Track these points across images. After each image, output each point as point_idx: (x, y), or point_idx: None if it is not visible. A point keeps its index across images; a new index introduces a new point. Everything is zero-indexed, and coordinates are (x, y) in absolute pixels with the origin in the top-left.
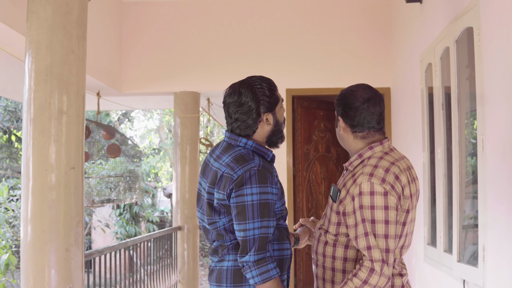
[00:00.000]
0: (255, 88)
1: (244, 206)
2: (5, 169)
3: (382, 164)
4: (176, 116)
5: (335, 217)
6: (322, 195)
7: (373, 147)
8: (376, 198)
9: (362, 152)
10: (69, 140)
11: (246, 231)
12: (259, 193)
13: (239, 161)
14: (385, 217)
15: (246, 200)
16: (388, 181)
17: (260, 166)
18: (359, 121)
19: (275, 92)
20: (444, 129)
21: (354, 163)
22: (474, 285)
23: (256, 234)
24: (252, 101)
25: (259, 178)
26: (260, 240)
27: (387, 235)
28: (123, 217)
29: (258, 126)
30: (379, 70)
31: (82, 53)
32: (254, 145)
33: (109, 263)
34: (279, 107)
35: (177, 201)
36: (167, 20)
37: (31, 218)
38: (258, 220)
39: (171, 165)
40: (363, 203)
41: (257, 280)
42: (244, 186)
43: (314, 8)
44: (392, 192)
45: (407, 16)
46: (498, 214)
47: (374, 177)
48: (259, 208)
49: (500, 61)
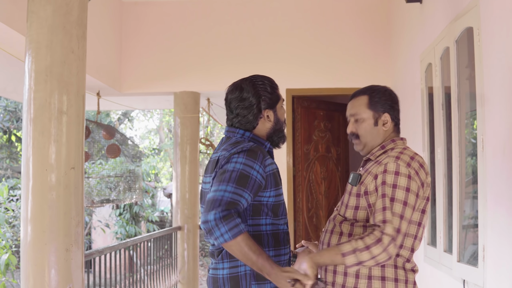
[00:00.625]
0: (256, 85)
1: (224, 171)
2: (5, 169)
3: (407, 152)
4: (176, 116)
5: (353, 200)
6: (322, 195)
7: (395, 140)
8: (400, 178)
9: (385, 143)
10: (69, 140)
11: (217, 191)
12: (243, 163)
13: (234, 144)
14: (404, 198)
15: (228, 167)
16: (413, 166)
17: (252, 146)
18: (398, 117)
19: (276, 90)
20: (444, 129)
21: (377, 153)
22: (474, 285)
23: (226, 196)
24: (254, 97)
25: (248, 153)
26: (229, 203)
27: (403, 216)
28: (123, 217)
29: (259, 122)
30: (379, 70)
31: (82, 53)
32: (252, 136)
33: (109, 263)
34: (280, 105)
35: (177, 201)
36: (167, 20)
37: (31, 218)
38: (233, 185)
39: (171, 165)
40: (386, 180)
41: (227, 236)
42: (232, 158)
43: (314, 8)
44: (415, 178)
45: (407, 16)
46: (498, 214)
47: (400, 160)
48: (238, 176)
49: (500, 61)
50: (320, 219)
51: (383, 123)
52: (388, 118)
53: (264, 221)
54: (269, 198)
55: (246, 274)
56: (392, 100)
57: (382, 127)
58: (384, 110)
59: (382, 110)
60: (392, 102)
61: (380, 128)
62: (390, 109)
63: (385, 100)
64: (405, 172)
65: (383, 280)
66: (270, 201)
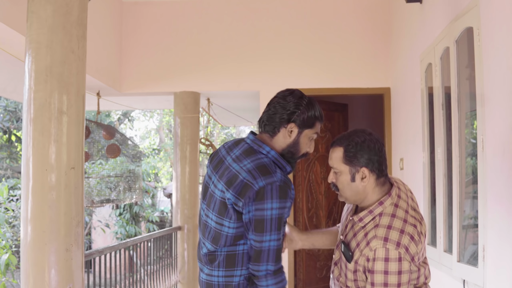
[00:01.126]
0: (303, 99)
1: (263, 220)
2: (5, 169)
3: (396, 225)
4: (176, 116)
5: (351, 274)
6: (322, 195)
7: (382, 202)
8: (390, 264)
9: (372, 208)
10: (69, 140)
11: (263, 242)
12: (278, 208)
13: (262, 171)
14: (398, 280)
15: (266, 214)
16: (403, 243)
17: (281, 182)
18: (381, 164)
19: (316, 121)
20: (444, 129)
21: (365, 219)
22: (474, 285)
23: (272, 246)
24: (293, 105)
25: (280, 193)
26: (277, 251)
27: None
28: (123, 217)
29: (280, 131)
30: (379, 70)
31: (82, 53)
32: (276, 156)
33: (109, 263)
34: (308, 133)
35: (177, 201)
36: (167, 20)
37: (31, 218)
38: (275, 233)
39: (171, 165)
40: (376, 268)
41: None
42: (265, 200)
43: (314, 8)
44: (406, 256)
45: (407, 16)
46: (498, 214)
47: (389, 242)
48: (277, 222)
49: (500, 61)
50: (320, 219)
51: (361, 177)
52: (366, 173)
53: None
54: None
55: (240, 284)
56: (369, 152)
57: (360, 183)
58: (361, 165)
59: (359, 164)
60: (369, 155)
61: (358, 184)
62: (368, 163)
63: (362, 154)
64: (394, 256)
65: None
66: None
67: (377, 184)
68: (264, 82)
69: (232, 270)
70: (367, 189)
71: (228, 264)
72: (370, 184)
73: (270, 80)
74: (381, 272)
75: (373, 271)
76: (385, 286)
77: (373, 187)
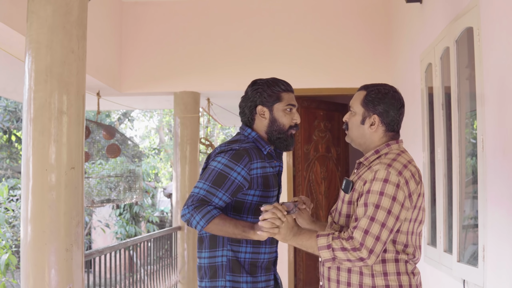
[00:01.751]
0: (257, 83)
1: (207, 169)
2: (5, 169)
3: (400, 160)
4: (176, 116)
5: (346, 208)
6: (322, 195)
7: (390, 144)
8: (388, 186)
9: (379, 148)
10: (69, 140)
11: (195, 187)
12: (224, 164)
13: (231, 142)
14: (389, 206)
15: (212, 164)
16: (404, 175)
17: (240, 148)
18: (395, 122)
19: (278, 92)
20: (444, 129)
21: (371, 158)
22: (474, 285)
23: (200, 193)
24: (251, 92)
25: (233, 155)
26: (200, 199)
27: (384, 224)
28: (123, 217)
29: (255, 118)
30: (379, 70)
31: (82, 53)
32: (256, 136)
33: (109, 263)
34: (279, 107)
35: (177, 201)
36: (167, 20)
37: (31, 218)
38: (209, 184)
39: (171, 165)
40: (373, 188)
41: (202, 223)
42: (218, 156)
43: (314, 8)
44: (404, 188)
45: (407, 16)
46: (498, 214)
47: (392, 168)
48: (215, 175)
49: (500, 61)
50: (320, 219)
51: (370, 124)
52: (376, 121)
53: (245, 218)
54: (253, 197)
55: (223, 265)
56: (387, 105)
57: (368, 128)
58: (374, 112)
59: (373, 111)
60: (386, 106)
61: (366, 128)
62: (381, 113)
63: (379, 103)
64: (394, 180)
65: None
66: (254, 200)
67: (385, 136)
68: None
69: (215, 250)
70: (373, 137)
71: (212, 245)
72: (377, 133)
73: None
74: (377, 192)
75: (369, 191)
76: (376, 208)
77: (380, 137)
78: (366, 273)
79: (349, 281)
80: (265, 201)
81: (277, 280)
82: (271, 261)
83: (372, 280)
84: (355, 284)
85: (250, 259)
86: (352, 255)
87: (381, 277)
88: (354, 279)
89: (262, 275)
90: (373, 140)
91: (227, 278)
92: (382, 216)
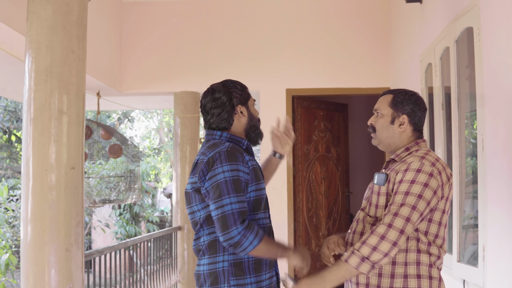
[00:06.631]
0: (226, 85)
1: (218, 184)
2: (5, 169)
3: (431, 154)
4: (176, 116)
5: (383, 199)
6: (322, 195)
7: (418, 142)
8: (420, 175)
9: (409, 146)
10: (69, 140)
11: (224, 206)
12: (230, 170)
13: (211, 147)
14: (420, 191)
15: (219, 178)
16: (437, 166)
17: (229, 147)
18: (421, 123)
19: (246, 89)
20: (444, 129)
21: (402, 155)
22: (474, 285)
23: (235, 208)
24: (225, 95)
25: (228, 157)
26: (240, 214)
27: (415, 206)
28: (123, 217)
29: (234, 119)
30: (379, 70)
31: (82, 53)
32: (229, 136)
33: (109, 263)
34: (251, 103)
35: (177, 201)
36: (167, 20)
37: (31, 218)
38: (234, 195)
39: (171, 165)
40: (405, 178)
41: (256, 242)
42: (215, 166)
43: (314, 8)
44: (437, 177)
45: (407, 16)
46: (498, 214)
47: (425, 159)
48: (233, 184)
49: (500, 61)
50: (320, 219)
51: (400, 123)
52: (405, 120)
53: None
54: (250, 193)
55: (224, 271)
56: (415, 105)
57: (397, 128)
58: (404, 112)
59: (402, 111)
60: (414, 107)
61: (395, 128)
62: (410, 113)
63: (408, 103)
64: (427, 170)
65: (419, 278)
66: (251, 197)
67: (413, 135)
68: (264, 82)
69: (215, 256)
70: (403, 137)
71: (211, 251)
72: (406, 133)
73: (270, 80)
74: (408, 181)
75: (401, 181)
76: (406, 195)
77: (408, 136)
78: (400, 261)
79: (380, 272)
80: (260, 195)
81: (278, 276)
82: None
83: (405, 268)
84: (386, 274)
85: (254, 258)
86: (386, 239)
87: (413, 266)
88: (386, 269)
89: (266, 273)
90: (402, 140)
91: (231, 283)
92: (413, 200)
